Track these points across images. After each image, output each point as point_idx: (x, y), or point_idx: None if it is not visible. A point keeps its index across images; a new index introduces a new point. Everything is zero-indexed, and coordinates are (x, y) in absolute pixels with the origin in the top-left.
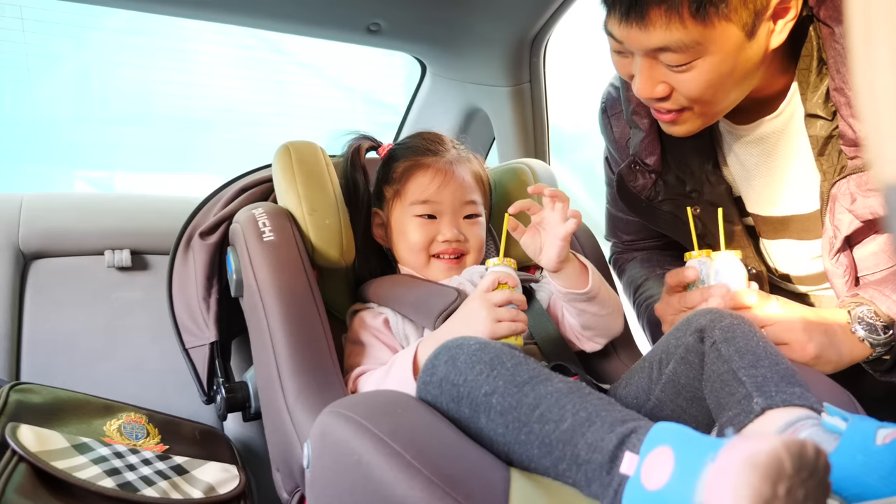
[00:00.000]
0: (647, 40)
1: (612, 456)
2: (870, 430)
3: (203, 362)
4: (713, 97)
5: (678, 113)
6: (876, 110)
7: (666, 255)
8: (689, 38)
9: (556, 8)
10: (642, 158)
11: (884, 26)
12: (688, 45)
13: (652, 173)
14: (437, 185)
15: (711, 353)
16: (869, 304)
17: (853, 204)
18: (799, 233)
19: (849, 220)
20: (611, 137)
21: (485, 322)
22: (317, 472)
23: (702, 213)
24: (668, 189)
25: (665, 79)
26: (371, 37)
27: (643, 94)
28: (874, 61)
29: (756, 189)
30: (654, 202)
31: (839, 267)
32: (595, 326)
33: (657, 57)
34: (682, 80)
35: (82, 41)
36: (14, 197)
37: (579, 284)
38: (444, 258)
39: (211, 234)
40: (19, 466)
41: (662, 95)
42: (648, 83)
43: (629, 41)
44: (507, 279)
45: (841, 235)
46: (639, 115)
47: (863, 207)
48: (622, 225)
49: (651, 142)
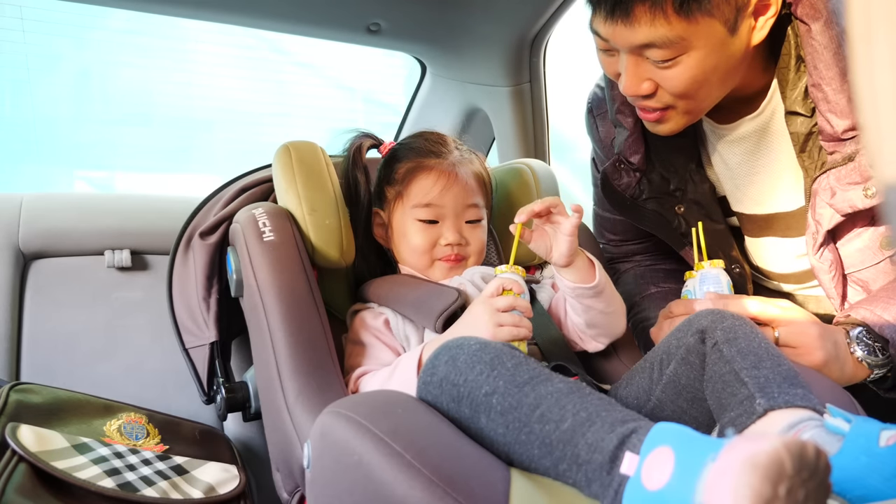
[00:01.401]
0: (633, 37)
1: (613, 456)
2: (873, 432)
3: (203, 362)
4: (697, 93)
5: (663, 111)
6: (876, 110)
7: (658, 272)
8: (674, 34)
9: (556, 8)
10: (627, 157)
11: (884, 25)
12: (672, 40)
13: (636, 172)
14: (440, 189)
15: (713, 353)
16: (862, 324)
17: (833, 198)
18: (783, 230)
19: (829, 215)
20: (596, 137)
21: (486, 326)
22: (317, 472)
23: (685, 212)
24: (653, 188)
25: (650, 76)
26: (371, 37)
27: (629, 92)
28: (874, 60)
29: (740, 188)
30: (638, 200)
31: (824, 262)
32: (600, 324)
33: (642, 54)
34: (667, 77)
35: (82, 41)
36: (14, 197)
37: (587, 279)
38: (445, 261)
39: (211, 234)
40: (19, 466)
41: (648, 92)
42: (634, 80)
43: (614, 39)
44: (511, 285)
45: (822, 230)
46: (623, 115)
47: (842, 201)
48: (608, 224)
49: (635, 140)
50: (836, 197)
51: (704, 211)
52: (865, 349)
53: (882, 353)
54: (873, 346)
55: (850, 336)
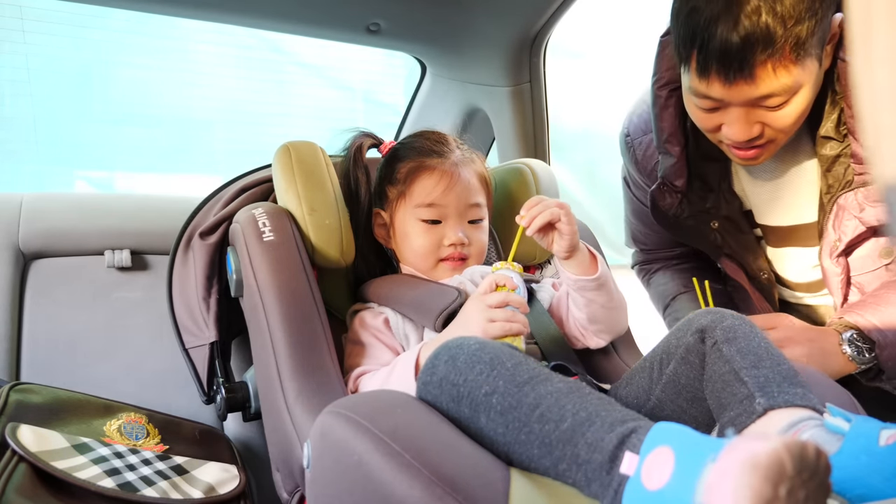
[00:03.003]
0: (754, 92)
1: (613, 456)
2: (873, 432)
3: (203, 362)
4: (798, 125)
5: (762, 147)
6: (876, 109)
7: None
8: (793, 81)
9: (556, 8)
10: (671, 181)
11: (884, 24)
12: (792, 87)
13: (678, 193)
14: (442, 188)
15: (713, 353)
16: (854, 327)
17: (862, 213)
18: (804, 240)
19: (854, 226)
20: (633, 160)
21: (478, 322)
22: (317, 472)
23: (720, 227)
24: (692, 207)
25: (761, 119)
26: (371, 37)
27: (741, 138)
28: (873, 59)
29: (765, 202)
30: (679, 218)
31: (838, 266)
32: (602, 319)
33: (759, 104)
34: (779, 117)
35: (82, 41)
36: (14, 197)
37: (590, 271)
38: (449, 261)
39: (211, 234)
40: (19, 466)
41: (757, 134)
42: (746, 127)
43: (731, 97)
44: (504, 281)
45: (846, 239)
46: (671, 143)
47: (870, 215)
48: (641, 237)
49: (681, 167)
50: (866, 212)
51: (736, 225)
52: (855, 350)
53: (869, 353)
54: (862, 347)
55: (843, 338)
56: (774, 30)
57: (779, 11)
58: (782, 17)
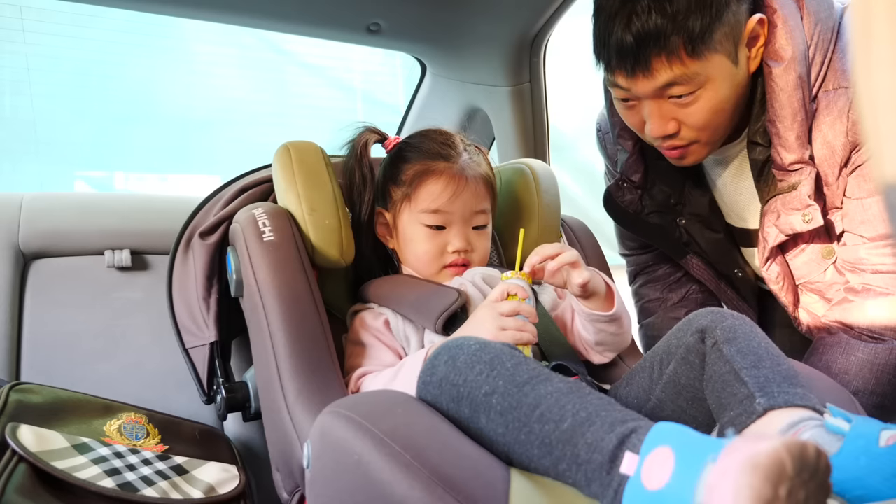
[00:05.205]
0: (654, 83)
1: (613, 456)
2: (873, 432)
3: (203, 362)
4: (717, 123)
5: (685, 148)
6: (875, 110)
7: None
8: (691, 72)
9: (556, 8)
10: (629, 176)
11: (884, 26)
12: (690, 76)
13: (638, 189)
14: (448, 195)
15: (713, 353)
16: None
17: (778, 220)
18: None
19: (775, 234)
20: (605, 155)
21: (490, 329)
22: (317, 472)
23: (686, 224)
24: (655, 202)
25: (674, 115)
26: (371, 37)
27: (657, 134)
28: (873, 61)
29: (727, 204)
30: (641, 215)
31: (771, 274)
32: (609, 343)
33: (664, 94)
34: (690, 113)
35: (82, 41)
36: (14, 197)
37: (605, 307)
38: (452, 267)
39: (211, 234)
40: (19, 466)
41: (673, 131)
42: (660, 122)
43: (636, 89)
44: (516, 290)
45: (769, 246)
46: (623, 138)
47: (784, 224)
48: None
49: (635, 161)
50: (781, 219)
51: (704, 222)
52: None
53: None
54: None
55: None
56: (664, 27)
57: (668, 9)
58: (672, 14)
